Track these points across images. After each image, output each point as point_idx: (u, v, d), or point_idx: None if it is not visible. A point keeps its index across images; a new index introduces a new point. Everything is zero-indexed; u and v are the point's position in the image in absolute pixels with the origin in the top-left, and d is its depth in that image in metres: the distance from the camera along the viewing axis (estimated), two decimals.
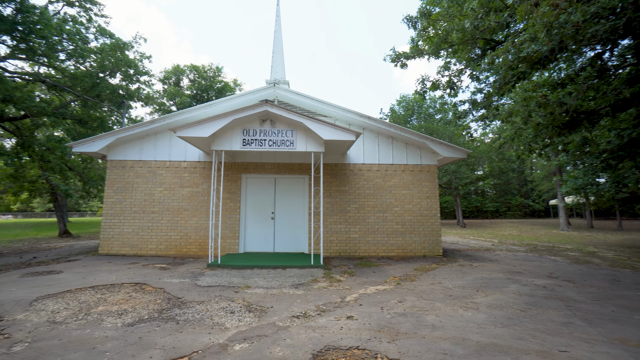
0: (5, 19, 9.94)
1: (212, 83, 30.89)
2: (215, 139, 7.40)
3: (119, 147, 9.19)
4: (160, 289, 5.44)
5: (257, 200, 9.33)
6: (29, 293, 5.13)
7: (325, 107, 9.37)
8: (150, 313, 4.28)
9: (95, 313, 4.26)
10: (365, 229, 9.18)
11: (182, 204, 8.97)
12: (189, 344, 3.36)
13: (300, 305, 4.68)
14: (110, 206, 8.97)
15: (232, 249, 8.88)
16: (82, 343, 3.36)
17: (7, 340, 3.41)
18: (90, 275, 6.37)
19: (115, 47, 12.89)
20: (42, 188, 18.90)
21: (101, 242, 8.92)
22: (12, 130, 12.68)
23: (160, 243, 8.80)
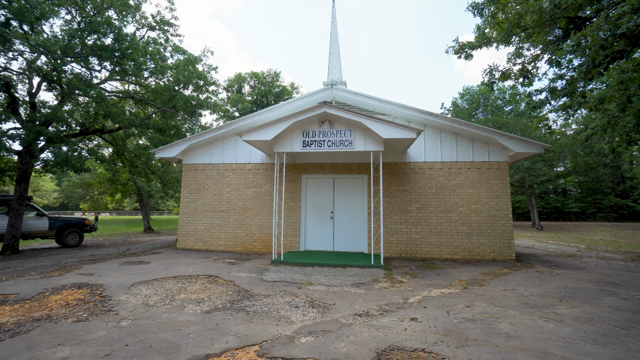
0: (107, 47, 11.70)
1: (271, 88, 32.40)
2: (277, 142, 7.77)
3: (192, 152, 10.18)
4: (231, 281, 5.89)
5: (316, 200, 9.55)
6: (127, 279, 5.97)
7: (384, 105, 9.21)
8: (223, 303, 4.67)
9: (179, 300, 4.79)
10: (428, 230, 8.79)
11: (247, 203, 9.60)
12: (259, 333, 3.59)
13: (362, 304, 4.69)
14: (185, 205, 9.99)
15: (293, 246, 9.23)
16: (171, 324, 3.81)
17: (116, 316, 4.03)
18: (171, 267, 7.16)
19: (188, 62, 14.30)
20: (131, 190, 21.83)
21: (178, 237, 9.98)
22: (109, 140, 14.87)
23: (228, 240, 9.53)
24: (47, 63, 11.47)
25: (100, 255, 9.51)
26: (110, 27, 12.07)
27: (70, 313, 4.17)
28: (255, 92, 32.29)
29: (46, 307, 4.40)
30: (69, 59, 11.63)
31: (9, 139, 10.80)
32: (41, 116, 11.43)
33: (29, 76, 12.13)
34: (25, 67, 11.84)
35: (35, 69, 11.37)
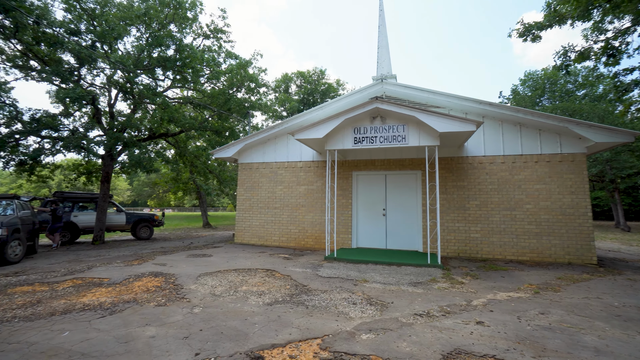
0: (170, 58, 12.81)
1: (317, 86, 32.75)
2: (328, 139, 7.84)
3: (247, 151, 10.70)
4: (287, 276, 6.09)
5: (368, 197, 9.46)
6: (194, 270, 6.49)
7: (437, 98, 8.79)
8: (283, 296, 4.86)
9: (241, 291, 5.08)
10: (489, 229, 8.22)
11: (299, 200, 9.85)
12: (320, 327, 3.67)
13: (421, 304, 4.55)
14: (242, 202, 10.55)
15: (345, 243, 9.26)
16: (237, 314, 4.06)
17: (188, 303, 4.41)
18: (231, 260, 7.62)
19: (240, 66, 15.05)
20: (191, 188, 23.71)
21: (236, 232, 10.59)
22: (172, 143, 16.26)
23: (282, 235, 9.87)
24: (122, 77, 12.89)
25: (169, 248, 10.47)
26: (173, 39, 13.15)
27: (151, 298, 4.66)
28: (302, 91, 32.89)
29: (132, 292, 4.97)
30: (139, 72, 12.91)
31: (95, 145, 12.38)
32: (118, 124, 12.89)
33: (108, 89, 13.72)
34: (105, 81, 13.45)
35: (113, 82, 12.83)
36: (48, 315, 3.95)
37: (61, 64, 12.48)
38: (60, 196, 13.16)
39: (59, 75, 11.82)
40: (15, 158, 12.08)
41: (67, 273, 6.35)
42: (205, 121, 15.00)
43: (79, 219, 13.19)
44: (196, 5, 13.85)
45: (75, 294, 4.85)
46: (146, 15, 12.48)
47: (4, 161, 12.15)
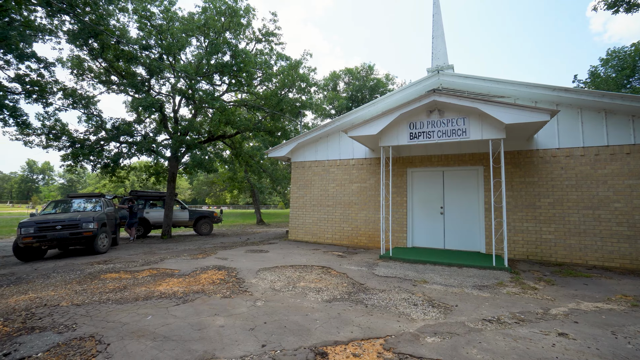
0: (227, 64, 13.57)
1: (365, 82, 32.26)
2: (382, 136, 7.65)
3: (299, 150, 10.91)
4: (343, 274, 6.08)
5: (424, 195, 9.06)
6: (253, 265, 6.79)
7: (502, 87, 8.09)
8: (341, 294, 4.85)
9: (299, 287, 5.18)
10: (565, 230, 7.35)
11: (351, 198, 9.79)
12: (381, 327, 3.59)
13: (489, 309, 4.22)
14: (295, 200, 10.79)
15: (400, 242, 8.99)
16: (297, 309, 4.15)
17: (251, 297, 4.63)
18: (287, 257, 7.84)
19: (291, 67, 15.41)
20: (245, 186, 24.95)
21: (290, 230, 10.87)
22: (229, 144, 17.25)
23: (335, 233, 9.90)
24: (184, 84, 14.01)
25: (228, 243, 11.13)
26: (229, 45, 13.90)
27: (217, 290, 4.97)
28: (350, 88, 32.66)
29: (199, 283, 5.35)
30: (199, 78, 13.89)
31: (163, 148, 13.65)
32: (182, 128, 14.01)
33: (172, 96, 14.99)
34: (170, 89, 14.72)
35: (177, 90, 13.96)
36: (133, 300, 4.42)
37: (135, 76, 13.94)
38: (135, 195, 14.72)
39: (134, 86, 13.21)
40: (101, 161, 13.78)
41: (145, 264, 7.07)
42: (259, 122, 15.64)
43: (150, 215, 14.65)
44: (249, 12, 14.47)
45: (152, 283, 5.37)
46: (205, 26, 13.36)
47: (93, 164, 13.93)
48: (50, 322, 3.60)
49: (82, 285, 5.28)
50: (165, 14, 13.44)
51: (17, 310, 4.00)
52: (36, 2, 11.18)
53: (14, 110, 11.56)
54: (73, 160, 13.33)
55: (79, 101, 13.53)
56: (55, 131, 12.93)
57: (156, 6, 13.46)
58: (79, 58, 13.83)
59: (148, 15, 13.16)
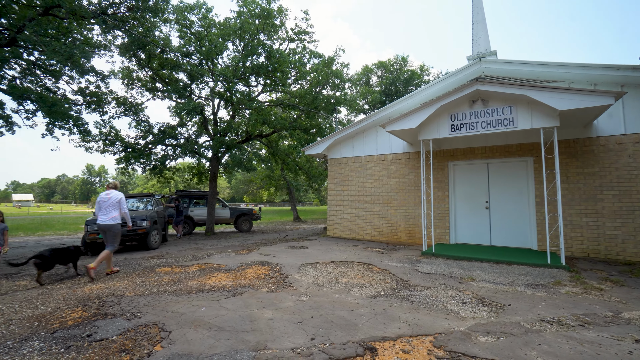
0: (262, 65, 13.93)
1: (399, 74, 31.46)
2: (421, 129, 7.43)
3: (336, 147, 10.92)
4: (385, 270, 6.01)
5: (467, 189, 8.67)
6: (295, 260, 6.93)
7: (552, 70, 7.49)
8: (384, 290, 4.80)
9: (342, 283, 5.21)
10: (636, 225, 6.65)
11: (390, 194, 9.63)
12: (429, 324, 3.50)
13: (547, 309, 3.95)
14: (332, 197, 10.84)
15: (442, 238, 8.70)
16: (342, 304, 4.18)
17: (296, 291, 4.74)
18: (327, 253, 7.90)
19: (324, 64, 15.44)
20: (282, 184, 25.51)
21: (328, 226, 10.95)
22: (265, 143, 17.71)
23: (374, 229, 9.81)
24: (222, 87, 14.59)
25: (268, 239, 11.46)
26: (263, 47, 14.24)
27: (263, 284, 5.14)
28: (383, 81, 32.03)
29: (245, 277, 5.58)
30: (236, 81, 14.39)
31: (205, 149, 14.38)
32: (221, 129, 14.62)
33: (212, 99, 15.67)
34: (209, 93, 15.42)
35: (216, 93, 14.59)
36: (187, 293, 4.71)
37: (178, 82, 14.78)
38: (180, 194, 15.64)
39: (177, 92, 14.01)
40: (150, 163, 14.81)
41: (193, 259, 7.50)
42: (294, 120, 15.87)
43: (195, 213, 15.49)
44: (282, 12, 14.69)
45: (202, 277, 5.69)
46: (241, 29, 13.78)
47: (142, 166, 15.02)
48: (119, 310, 3.96)
49: (141, 277, 5.73)
50: (203, 21, 14.07)
51: (92, 298, 4.45)
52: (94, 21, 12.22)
53: (77, 120, 12.78)
54: (125, 163, 14.46)
55: (129, 109, 14.64)
56: (110, 137, 14.10)
57: (195, 14, 14.12)
58: (129, 69, 14.93)
59: (188, 24, 13.86)
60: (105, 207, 6.23)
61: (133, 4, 12.11)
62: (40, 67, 12.74)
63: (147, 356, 2.86)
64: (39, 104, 11.60)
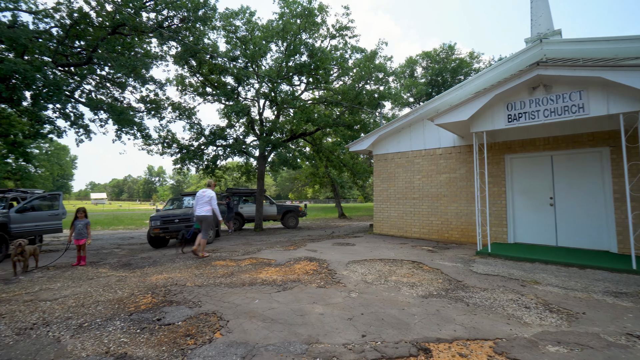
0: (304, 64, 14.12)
1: (446, 64, 29.84)
2: (473, 121, 6.98)
3: (381, 142, 10.70)
4: (437, 269, 5.77)
5: (526, 184, 7.97)
6: (342, 257, 6.95)
7: (632, 46, 6.55)
8: (436, 290, 4.61)
9: (392, 281, 5.11)
10: None
11: (440, 190, 9.20)
12: (488, 328, 3.29)
13: (635, 321, 3.49)
14: (378, 193, 10.65)
15: (498, 237, 8.12)
16: (392, 303, 4.10)
17: (344, 288, 4.75)
18: (374, 250, 7.79)
19: (367, 59, 15.20)
20: (326, 181, 25.69)
21: (374, 223, 10.79)
22: (309, 141, 17.95)
23: (422, 227, 9.46)
24: (267, 88, 15.06)
25: (314, 236, 11.63)
26: (305, 46, 14.41)
27: (312, 280, 5.23)
28: (429, 72, 30.63)
29: (294, 273, 5.72)
30: (279, 81, 14.75)
31: (252, 149, 14.98)
32: (267, 129, 15.12)
33: (257, 100, 16.26)
34: (254, 94, 16.02)
35: (261, 94, 15.10)
36: (240, 285, 4.96)
37: (226, 86, 15.56)
38: (230, 192, 16.49)
39: (225, 95, 14.75)
40: (202, 163, 15.82)
41: (245, 253, 7.87)
42: (338, 117, 15.85)
43: (244, 210, 16.23)
44: (323, 10, 14.70)
45: (254, 271, 5.94)
46: (283, 30, 14.08)
47: (196, 166, 16.10)
48: (182, 298, 4.30)
49: (199, 269, 6.16)
50: (247, 25, 14.61)
51: (158, 287, 4.89)
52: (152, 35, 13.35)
53: (140, 126, 14.09)
54: (181, 163, 15.61)
55: (183, 113, 15.76)
56: (168, 140, 15.31)
57: (239, 19, 14.71)
58: (182, 76, 16.05)
59: (233, 29, 14.49)
60: (201, 202, 7.72)
61: (185, 15, 12.98)
62: (110, 80, 14.25)
63: (209, 342, 3.07)
64: (109, 113, 13.00)
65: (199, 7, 12.41)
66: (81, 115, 13.09)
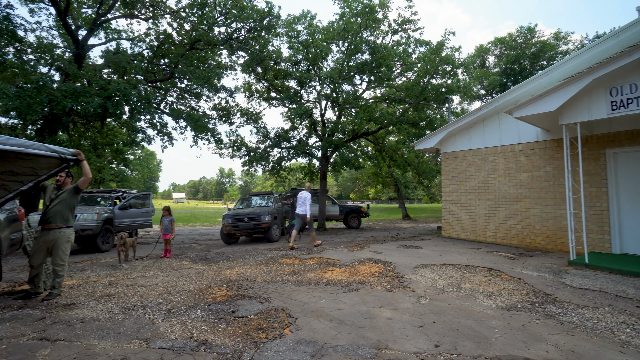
0: (366, 62, 13.93)
1: (524, 49, 26.69)
2: (564, 111, 6.08)
3: (450, 139, 9.99)
4: (519, 279, 5.15)
5: (637, 183, 6.66)
6: (408, 260, 6.64)
7: None
8: (520, 302, 4.11)
9: (465, 289, 4.70)
10: None
11: (520, 190, 8.23)
12: (592, 354, 2.80)
13: None
14: (447, 194, 9.97)
15: (597, 246, 6.94)
16: (467, 312, 3.76)
17: (413, 293, 4.52)
18: (444, 254, 7.30)
19: (432, 52, 14.36)
20: (389, 181, 25.01)
21: (443, 225, 10.13)
22: (372, 140, 17.64)
23: (499, 231, 8.57)
24: (328, 89, 15.22)
25: (378, 237, 11.38)
26: (367, 44, 14.20)
27: (378, 282, 5.09)
28: (503, 60, 27.78)
29: (359, 274, 5.64)
30: (340, 81, 14.78)
31: (315, 150, 15.30)
32: (329, 130, 15.27)
33: (319, 102, 16.53)
34: (316, 96, 16.33)
35: (323, 95, 15.32)
36: (307, 284, 5.06)
37: (289, 90, 16.16)
38: (294, 192, 17.05)
39: (289, 98, 15.31)
40: (268, 165, 16.66)
41: (309, 253, 8.03)
42: (402, 115, 15.30)
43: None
44: (384, 5, 14.32)
45: (319, 270, 6.02)
46: (344, 30, 14.08)
47: (262, 168, 17.03)
48: (253, 293, 4.54)
49: (267, 266, 6.46)
50: (308, 29, 14.94)
51: (232, 281, 5.26)
52: (223, 47, 14.54)
53: (213, 131, 15.43)
54: (249, 165, 16.65)
55: (250, 118, 16.81)
56: (237, 144, 16.47)
57: (301, 24, 15.11)
58: (249, 83, 17.13)
59: (295, 34, 14.95)
60: (300, 202, 9.16)
61: (252, 25, 13.84)
62: (188, 91, 15.90)
63: (279, 337, 3.17)
64: (188, 121, 14.51)
65: (264, 17, 13.09)
66: (165, 124, 14.84)
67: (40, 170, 4.30)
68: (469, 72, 26.89)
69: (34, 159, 4.06)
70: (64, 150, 4.36)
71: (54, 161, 4.33)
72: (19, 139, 3.72)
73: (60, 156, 4.27)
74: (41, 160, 4.15)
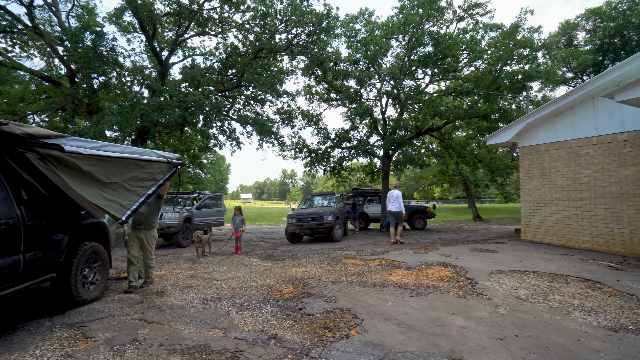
0: (429, 54, 13.20)
1: (629, 17, 22.35)
2: None
3: (529, 132, 8.90)
4: (629, 294, 4.33)
5: None
6: (482, 265, 6.08)
7: None
8: (632, 323, 3.45)
9: (555, 301, 4.12)
10: None
11: (625, 188, 6.93)
12: None
13: None
14: (527, 193, 8.89)
15: None
16: (559, 329, 3.28)
17: (489, 301, 4.12)
18: (525, 260, 6.52)
19: (505, 36, 12.97)
20: (458, 179, 23.31)
21: (522, 228, 9.07)
22: (437, 136, 16.65)
23: (597, 236, 7.33)
24: (388, 86, 14.78)
25: (446, 239, 10.68)
26: (430, 35, 13.44)
27: (448, 287, 4.76)
28: (598, 35, 23.77)
29: (427, 278, 5.34)
30: (402, 77, 14.23)
31: (376, 149, 15.00)
32: (390, 128, 14.82)
33: (379, 100, 16.17)
34: (376, 94, 15.98)
35: (384, 93, 14.95)
36: (372, 285, 4.96)
37: (348, 89, 16.12)
38: (356, 192, 16.95)
39: (349, 98, 15.27)
40: (329, 165, 16.84)
41: (373, 253, 7.89)
42: (470, 107, 14.15)
43: (369, 210, 16.39)
44: None
45: (384, 272, 5.86)
46: (405, 24, 13.53)
47: (324, 168, 17.27)
48: (319, 292, 4.61)
49: (331, 266, 6.52)
50: (367, 26, 14.70)
51: (297, 279, 5.42)
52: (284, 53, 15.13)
53: (277, 135, 16.15)
54: (310, 166, 17.02)
55: (311, 120, 17.18)
56: (299, 146, 16.97)
57: (359, 23, 14.94)
58: (309, 86, 17.53)
59: (354, 33, 14.84)
60: (392, 200, 9.58)
61: (311, 30, 14.13)
62: (253, 98, 16.91)
63: (345, 337, 3.15)
64: (253, 126, 15.42)
65: (322, 20, 13.26)
66: (234, 130, 15.97)
67: (157, 175, 4.81)
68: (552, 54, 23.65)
69: (149, 165, 4.67)
70: (169, 155, 5.02)
71: (164, 166, 4.95)
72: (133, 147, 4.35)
73: (169, 160, 4.90)
74: (155, 166, 4.77)
